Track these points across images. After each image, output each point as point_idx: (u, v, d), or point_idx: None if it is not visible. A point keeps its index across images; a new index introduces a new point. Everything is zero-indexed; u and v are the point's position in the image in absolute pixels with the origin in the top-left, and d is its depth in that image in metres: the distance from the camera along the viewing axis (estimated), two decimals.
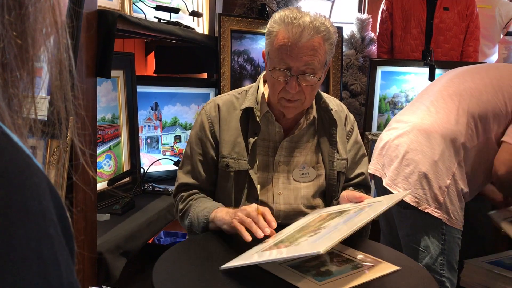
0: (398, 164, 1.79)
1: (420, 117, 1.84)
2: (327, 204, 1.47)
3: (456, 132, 1.75)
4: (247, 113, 1.44)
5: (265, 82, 1.47)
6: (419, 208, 1.73)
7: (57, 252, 0.39)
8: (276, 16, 1.34)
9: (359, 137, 1.57)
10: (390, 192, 1.72)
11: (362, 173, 1.56)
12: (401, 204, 1.77)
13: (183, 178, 1.48)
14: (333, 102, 1.53)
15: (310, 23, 1.28)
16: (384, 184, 1.78)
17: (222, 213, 1.32)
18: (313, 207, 1.45)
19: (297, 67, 1.31)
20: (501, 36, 3.21)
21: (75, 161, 1.27)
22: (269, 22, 1.36)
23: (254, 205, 1.25)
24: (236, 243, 1.25)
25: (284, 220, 1.41)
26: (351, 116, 1.57)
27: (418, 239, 1.76)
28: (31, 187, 0.38)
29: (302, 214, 1.42)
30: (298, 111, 1.42)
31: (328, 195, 1.47)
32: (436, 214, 1.71)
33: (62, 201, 0.42)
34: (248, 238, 1.18)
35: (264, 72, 1.48)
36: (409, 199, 1.73)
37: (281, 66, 1.32)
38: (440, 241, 1.74)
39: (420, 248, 1.75)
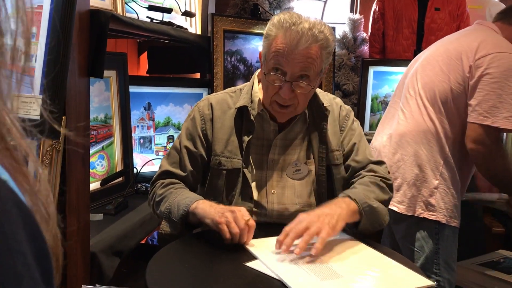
0: None
1: (394, 127, 1.86)
2: (320, 201, 1.43)
3: (431, 130, 1.75)
4: (241, 111, 1.44)
5: (259, 81, 1.46)
6: (415, 215, 1.74)
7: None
8: (276, 19, 1.32)
9: (357, 125, 1.51)
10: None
11: (369, 160, 1.47)
12: (394, 214, 1.77)
13: (168, 166, 1.46)
14: (325, 97, 1.51)
15: (309, 31, 1.27)
16: None
17: (204, 205, 1.30)
18: (308, 206, 1.43)
19: (292, 74, 1.30)
20: None
21: (68, 160, 1.27)
22: (268, 24, 1.34)
23: (244, 212, 1.25)
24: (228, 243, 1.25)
25: (277, 219, 1.40)
26: (346, 106, 1.53)
27: (413, 240, 1.77)
28: None
29: (295, 214, 1.41)
30: (290, 116, 1.42)
31: (318, 191, 1.45)
32: (432, 217, 1.72)
33: (39, 226, 0.39)
34: (228, 240, 1.21)
35: (259, 71, 1.48)
36: (403, 210, 1.75)
37: (276, 71, 1.32)
38: (434, 240, 1.74)
39: (415, 249, 1.76)
